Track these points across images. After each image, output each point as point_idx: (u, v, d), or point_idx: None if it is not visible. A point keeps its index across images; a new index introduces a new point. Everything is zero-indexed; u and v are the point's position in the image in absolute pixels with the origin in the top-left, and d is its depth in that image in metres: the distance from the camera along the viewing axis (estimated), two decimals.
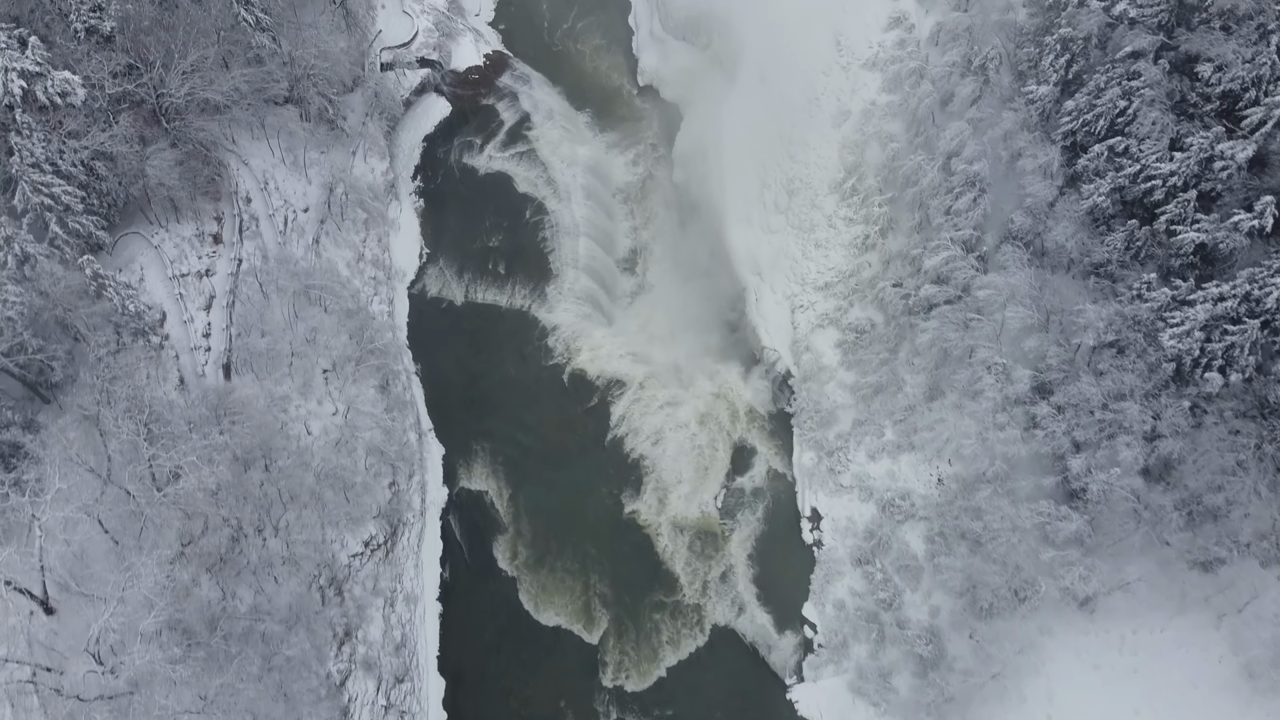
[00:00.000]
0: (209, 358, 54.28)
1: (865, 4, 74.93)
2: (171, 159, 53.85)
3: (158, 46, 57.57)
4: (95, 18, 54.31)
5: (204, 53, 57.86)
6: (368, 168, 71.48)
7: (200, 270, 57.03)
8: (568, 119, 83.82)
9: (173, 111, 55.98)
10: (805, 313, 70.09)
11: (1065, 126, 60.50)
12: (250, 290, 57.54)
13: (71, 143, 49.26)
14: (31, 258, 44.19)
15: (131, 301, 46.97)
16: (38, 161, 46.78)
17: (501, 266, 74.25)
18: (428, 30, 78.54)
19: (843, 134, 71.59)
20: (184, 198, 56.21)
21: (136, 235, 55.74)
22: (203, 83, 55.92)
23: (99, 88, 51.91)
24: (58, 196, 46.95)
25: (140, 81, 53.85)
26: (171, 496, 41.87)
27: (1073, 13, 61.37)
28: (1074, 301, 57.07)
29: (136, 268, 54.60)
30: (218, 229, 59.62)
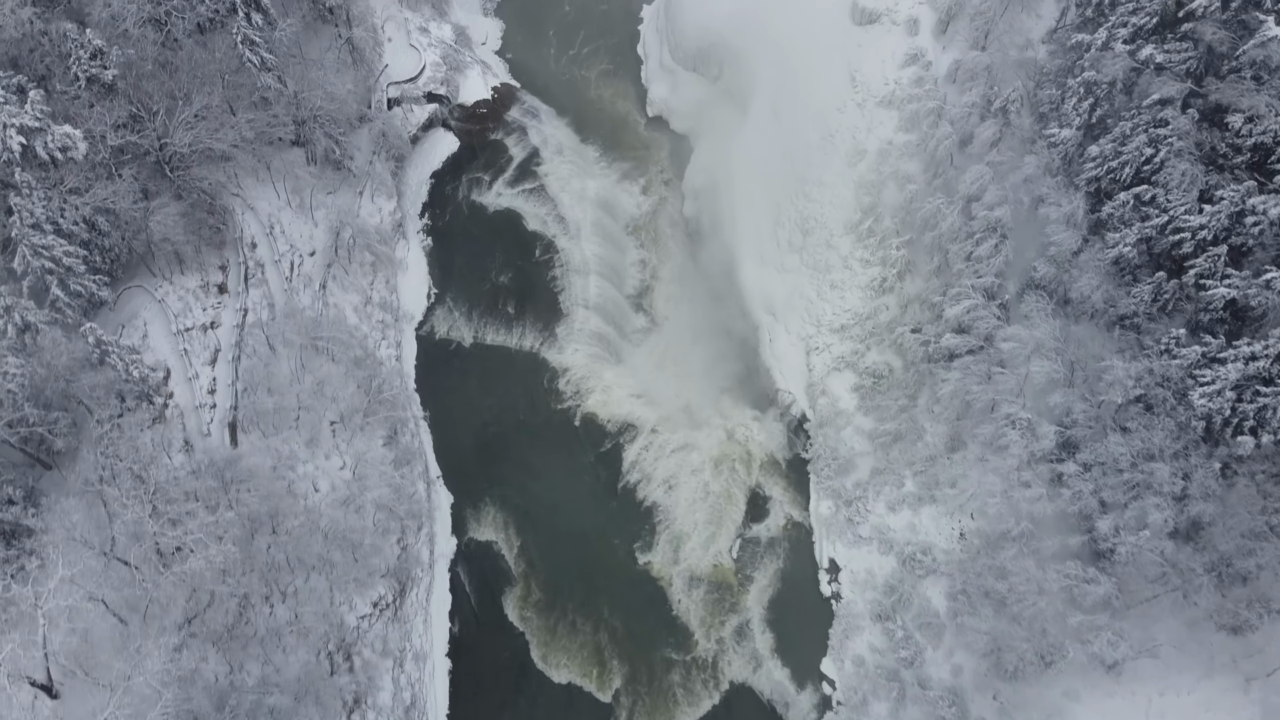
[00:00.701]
0: (214, 415, 52.97)
1: (881, 40, 73.61)
2: (176, 212, 52.55)
3: (161, 93, 56.35)
4: (97, 66, 53.05)
5: (208, 99, 56.52)
6: (375, 208, 70.16)
7: (205, 323, 55.73)
8: (577, 153, 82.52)
9: (177, 160, 54.65)
10: (821, 355, 68.77)
11: (1089, 173, 59.25)
12: (256, 343, 56.23)
13: (73, 199, 47.92)
14: (33, 326, 42.86)
15: (135, 367, 45.66)
16: (38, 222, 45.45)
17: (511, 306, 72.91)
18: (435, 64, 77.20)
19: (858, 173, 70.26)
20: (189, 250, 54.89)
21: (140, 289, 54.44)
22: (207, 131, 54.63)
23: (100, 139, 50.53)
24: (59, 260, 45.64)
25: (143, 132, 52.49)
26: (178, 575, 40.56)
27: (1096, 56, 60.08)
28: (1099, 353, 55.86)
29: (140, 323, 53.30)
30: (223, 278, 58.32)
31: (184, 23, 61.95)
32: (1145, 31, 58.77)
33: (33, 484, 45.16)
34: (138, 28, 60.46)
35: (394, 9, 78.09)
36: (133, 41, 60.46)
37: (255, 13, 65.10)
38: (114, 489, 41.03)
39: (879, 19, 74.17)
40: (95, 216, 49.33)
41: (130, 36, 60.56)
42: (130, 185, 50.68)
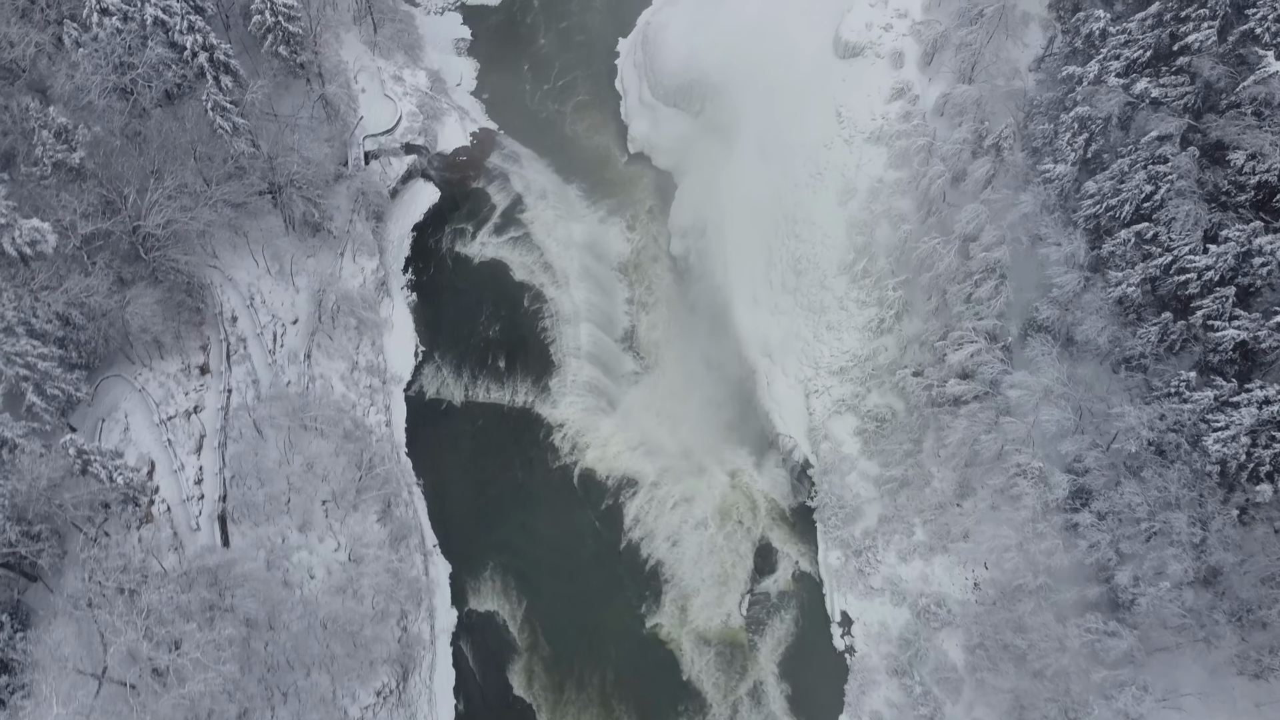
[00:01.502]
0: (202, 507, 50.95)
1: (866, 74, 72.41)
2: (152, 299, 50.54)
3: (131, 170, 54.27)
4: (63, 149, 50.89)
5: (180, 174, 54.48)
6: (357, 267, 68.21)
7: (188, 408, 53.69)
8: (561, 196, 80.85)
9: (152, 242, 52.53)
10: (820, 398, 67.48)
11: (1088, 210, 58.32)
12: (243, 426, 54.17)
13: (46, 296, 45.76)
14: (9, 442, 40.70)
15: (120, 473, 43.58)
16: (10, 325, 43.30)
17: (501, 360, 71.14)
18: (411, 114, 75.26)
19: (850, 212, 69.01)
20: (168, 336, 52.82)
21: (118, 378, 52.34)
22: (181, 209, 52.50)
23: (71, 229, 48.39)
24: (34, 365, 43.47)
25: (116, 219, 50.36)
26: (176, 698, 38.58)
27: (1089, 90, 59.19)
28: (1107, 395, 54.99)
29: (120, 415, 51.19)
30: (204, 358, 56.26)
31: (151, 91, 59.91)
32: (1139, 65, 57.95)
33: (18, 597, 43.05)
34: (103, 98, 58.45)
35: (366, 59, 76.10)
36: (98, 114, 58.50)
37: (225, 76, 63.21)
38: (105, 612, 38.99)
39: (862, 52, 72.98)
40: (69, 310, 47.13)
41: (95, 109, 58.59)
42: (104, 277, 48.60)
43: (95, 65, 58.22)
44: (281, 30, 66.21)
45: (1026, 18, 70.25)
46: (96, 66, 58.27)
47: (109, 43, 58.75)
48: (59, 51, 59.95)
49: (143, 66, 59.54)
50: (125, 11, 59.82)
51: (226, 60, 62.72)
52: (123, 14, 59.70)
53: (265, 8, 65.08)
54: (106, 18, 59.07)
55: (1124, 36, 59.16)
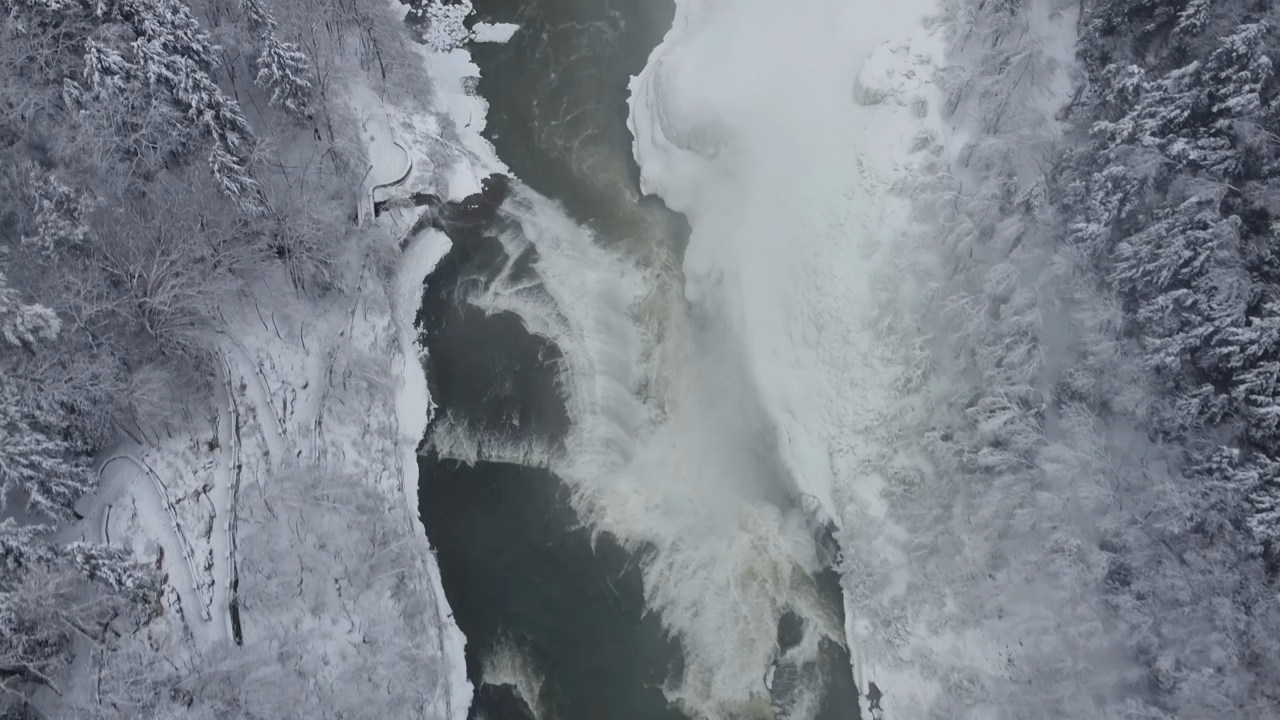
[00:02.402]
0: (213, 594, 49.14)
1: (887, 121, 70.72)
2: (160, 382, 48.69)
3: (136, 241, 52.41)
4: (66, 224, 49.06)
5: (188, 243, 52.68)
6: (368, 325, 66.40)
7: (197, 488, 51.89)
8: (574, 244, 79.01)
9: (159, 318, 50.65)
10: (845, 457, 65.77)
11: (1123, 273, 56.62)
12: (253, 503, 52.40)
13: (50, 385, 43.89)
14: (14, 551, 38.84)
15: (129, 575, 41.72)
16: (13, 421, 41.46)
17: (515, 418, 69.34)
18: (422, 163, 73.43)
19: (873, 266, 67.31)
20: (177, 417, 50.99)
21: (125, 460, 50.54)
22: (188, 285, 50.66)
23: (75, 311, 46.52)
24: (39, 464, 41.64)
25: (121, 298, 48.53)
26: None
27: (1124, 149, 57.48)
28: (1145, 466, 53.49)
29: (128, 500, 49.39)
30: (213, 434, 54.44)
31: (155, 152, 57.99)
32: (1176, 125, 56.28)
33: (25, 700, 41.23)
34: (105, 159, 56.57)
35: (375, 106, 74.25)
36: (100, 178, 56.64)
37: (231, 133, 61.40)
38: None
39: (884, 99, 71.28)
40: (74, 397, 45.28)
41: (98, 172, 56.75)
42: (110, 361, 46.77)
43: (97, 127, 56.29)
44: (289, 83, 64.40)
45: (1052, 64, 68.66)
46: (99, 128, 56.35)
47: (111, 103, 56.86)
48: (59, 113, 58.06)
49: (147, 127, 57.66)
50: (128, 70, 57.97)
51: (233, 117, 60.93)
52: (125, 73, 57.86)
53: (272, 61, 63.30)
54: (108, 76, 57.20)
55: (1159, 94, 57.48)
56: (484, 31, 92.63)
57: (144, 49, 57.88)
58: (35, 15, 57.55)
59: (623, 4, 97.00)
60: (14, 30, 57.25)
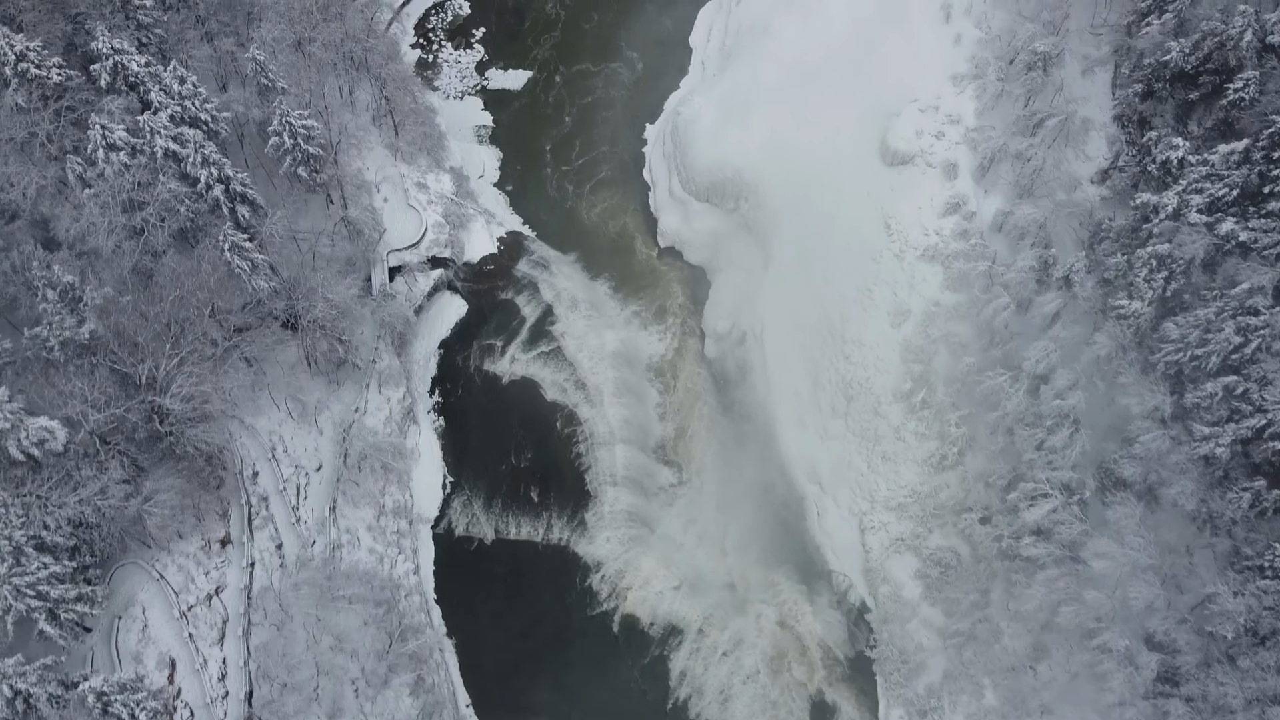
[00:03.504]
0: (227, 707, 46.91)
1: (916, 183, 68.65)
2: (171, 488, 46.56)
3: (144, 332, 50.18)
4: (72, 324, 46.81)
5: (199, 328, 50.52)
6: (383, 399, 64.20)
7: (209, 591, 49.72)
8: (592, 303, 76.81)
9: (170, 419, 48.38)
10: (877, 534, 63.61)
11: (1168, 355, 54.51)
12: (267, 604, 50.20)
13: (56, 500, 41.68)
14: (23, 693, 36.61)
15: (142, 708, 39.44)
16: (18, 546, 39.22)
17: (534, 492, 67.14)
18: (437, 225, 71.20)
19: (904, 336, 65.18)
20: (188, 521, 48.79)
21: (134, 566, 48.31)
22: (199, 382, 48.47)
23: (82, 417, 44.27)
24: (45, 594, 39.42)
25: (131, 403, 46.28)
26: None
27: (1170, 227, 55.40)
28: (1189, 552, 51.45)
29: (138, 610, 47.23)
30: (225, 530, 52.23)
31: (163, 231, 55.76)
32: (1225, 204, 54.26)
33: None
34: (109, 238, 54.35)
35: (389, 166, 72.00)
36: (105, 260, 54.46)
37: (242, 206, 59.23)
38: None
39: (912, 160, 69.21)
40: (82, 510, 43.04)
41: (102, 254, 54.56)
42: (118, 472, 44.50)
43: (102, 206, 54.23)
44: (301, 151, 62.21)
45: (1087, 124, 66.66)
46: (104, 207, 54.29)
47: (116, 180, 54.73)
48: (62, 189, 55.88)
49: (154, 204, 55.46)
50: (134, 145, 55.82)
51: (243, 190, 58.77)
52: (131, 148, 55.70)
53: (283, 130, 61.07)
54: (114, 153, 55.09)
55: (1205, 169, 55.48)
56: (497, 78, 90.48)
57: (150, 123, 55.73)
58: (36, 89, 55.47)
59: (640, 45, 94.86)
60: (14, 105, 55.17)
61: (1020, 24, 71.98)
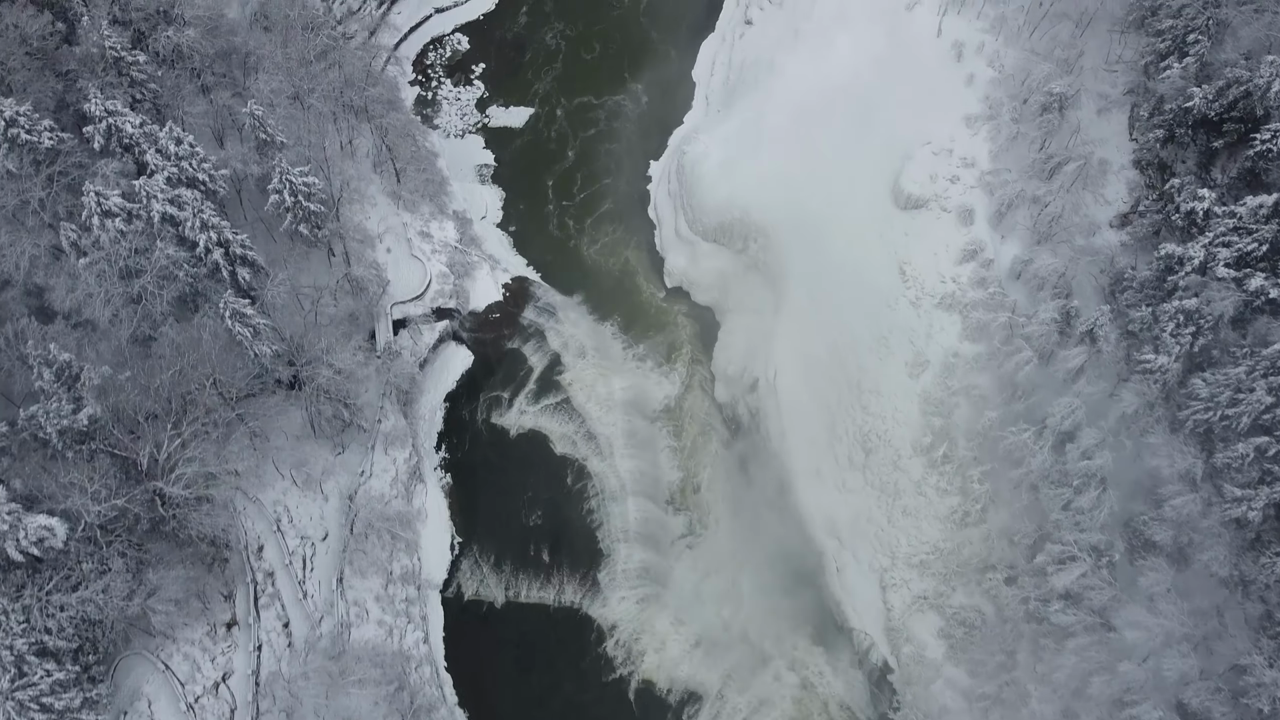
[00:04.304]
0: None
1: (931, 228, 67.26)
2: (176, 580, 44.81)
3: (145, 408, 48.42)
4: (71, 409, 44.99)
5: (202, 407, 48.77)
6: (389, 460, 62.52)
7: (216, 679, 48.04)
8: (599, 349, 75.18)
9: (173, 503, 46.67)
10: (898, 591, 62.09)
11: (1197, 413, 53.22)
12: (276, 689, 48.46)
13: (58, 610, 39.92)
14: None
15: None
16: (20, 656, 37.51)
17: (545, 552, 65.45)
18: (441, 275, 69.57)
19: (923, 387, 63.72)
20: (193, 610, 47.08)
21: (139, 656, 46.57)
22: (202, 465, 46.74)
23: (84, 510, 42.51)
24: (50, 705, 37.69)
25: (133, 493, 44.54)
26: None
27: (1197, 281, 54.12)
28: (1219, 613, 50.13)
29: (143, 704, 45.55)
30: (231, 612, 50.54)
31: (161, 300, 53.95)
32: (1254, 259, 52.98)
33: None
34: (106, 307, 52.63)
35: (392, 215, 70.29)
36: (101, 332, 52.74)
37: (242, 268, 57.53)
38: None
39: (926, 204, 67.83)
40: (84, 608, 41.29)
41: (99, 325, 52.85)
42: (122, 569, 42.73)
43: (99, 275, 52.49)
44: (302, 209, 60.49)
45: (1104, 166, 65.41)
46: (100, 276, 52.53)
47: (112, 248, 52.96)
48: (57, 256, 54.14)
49: (151, 270, 53.67)
50: (130, 210, 54.06)
51: (243, 253, 57.06)
52: (127, 213, 53.94)
53: (283, 188, 59.34)
54: (109, 219, 53.29)
55: (1233, 222, 54.22)
56: (498, 115, 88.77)
57: (146, 188, 54.00)
58: (27, 154, 53.69)
59: (642, 77, 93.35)
60: (4, 171, 53.46)
61: (1033, 62, 70.77)
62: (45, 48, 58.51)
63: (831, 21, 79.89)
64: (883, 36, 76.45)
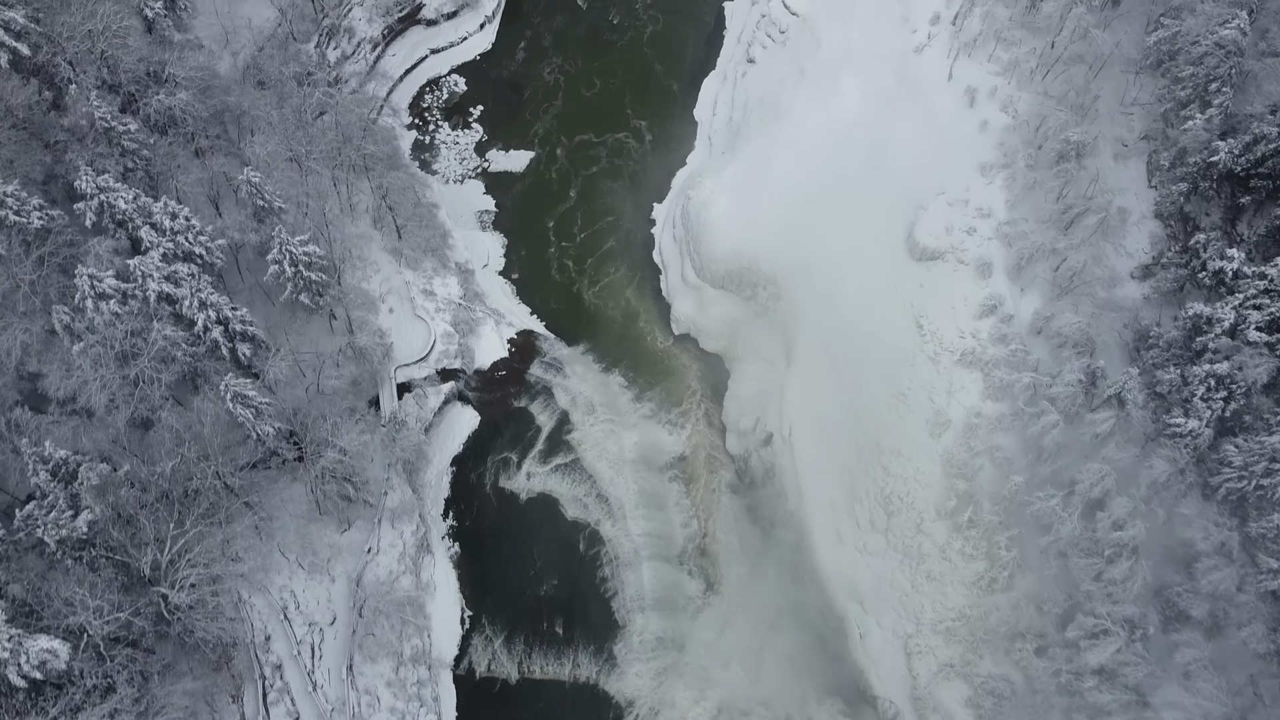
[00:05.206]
0: None
1: (947, 281, 65.66)
2: (183, 693, 42.63)
3: (145, 507, 46.40)
4: (69, 516, 42.93)
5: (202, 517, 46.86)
6: (396, 534, 60.52)
7: None
8: (608, 404, 73.35)
9: (177, 612, 44.62)
10: (924, 658, 60.39)
11: (1230, 481, 51.83)
12: None
13: None
14: None
15: None
16: None
17: (559, 624, 63.57)
18: (445, 335, 67.57)
19: (945, 448, 62.07)
20: (202, 712, 45.05)
21: None
22: (207, 567, 44.82)
23: (86, 626, 40.46)
24: None
25: (137, 604, 42.54)
26: None
27: (1228, 345, 52.72)
28: (1254, 681, 48.86)
29: None
30: (239, 714, 48.37)
31: (159, 384, 51.82)
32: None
33: None
34: (102, 393, 50.53)
35: (394, 274, 68.25)
36: (98, 420, 50.70)
37: (243, 344, 55.49)
38: None
39: (942, 256, 66.24)
40: None
41: (95, 413, 50.80)
42: (128, 691, 40.68)
43: (94, 361, 50.34)
44: (302, 279, 58.48)
45: (1124, 215, 64.03)
46: (95, 361, 50.40)
47: (107, 331, 50.80)
48: (50, 340, 51.97)
49: (148, 351, 51.55)
50: (125, 291, 51.94)
51: (243, 328, 54.99)
52: (122, 294, 51.82)
53: (283, 259, 57.32)
54: (103, 302, 51.13)
55: (1263, 284, 52.84)
56: (498, 160, 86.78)
57: (142, 267, 51.93)
58: (17, 236, 51.55)
59: (644, 114, 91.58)
60: None
61: (1047, 106, 69.30)
62: (32, 117, 56.36)
63: (838, 62, 78.25)
64: (891, 79, 74.87)
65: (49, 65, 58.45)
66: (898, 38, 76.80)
